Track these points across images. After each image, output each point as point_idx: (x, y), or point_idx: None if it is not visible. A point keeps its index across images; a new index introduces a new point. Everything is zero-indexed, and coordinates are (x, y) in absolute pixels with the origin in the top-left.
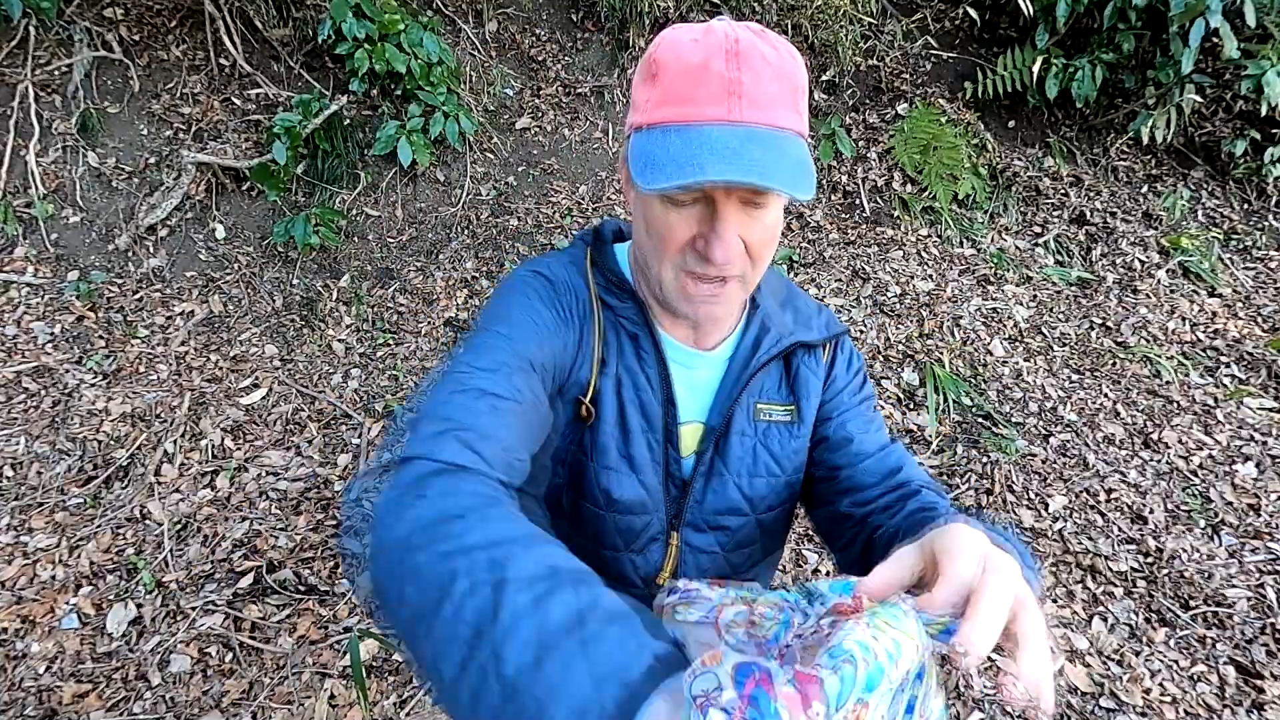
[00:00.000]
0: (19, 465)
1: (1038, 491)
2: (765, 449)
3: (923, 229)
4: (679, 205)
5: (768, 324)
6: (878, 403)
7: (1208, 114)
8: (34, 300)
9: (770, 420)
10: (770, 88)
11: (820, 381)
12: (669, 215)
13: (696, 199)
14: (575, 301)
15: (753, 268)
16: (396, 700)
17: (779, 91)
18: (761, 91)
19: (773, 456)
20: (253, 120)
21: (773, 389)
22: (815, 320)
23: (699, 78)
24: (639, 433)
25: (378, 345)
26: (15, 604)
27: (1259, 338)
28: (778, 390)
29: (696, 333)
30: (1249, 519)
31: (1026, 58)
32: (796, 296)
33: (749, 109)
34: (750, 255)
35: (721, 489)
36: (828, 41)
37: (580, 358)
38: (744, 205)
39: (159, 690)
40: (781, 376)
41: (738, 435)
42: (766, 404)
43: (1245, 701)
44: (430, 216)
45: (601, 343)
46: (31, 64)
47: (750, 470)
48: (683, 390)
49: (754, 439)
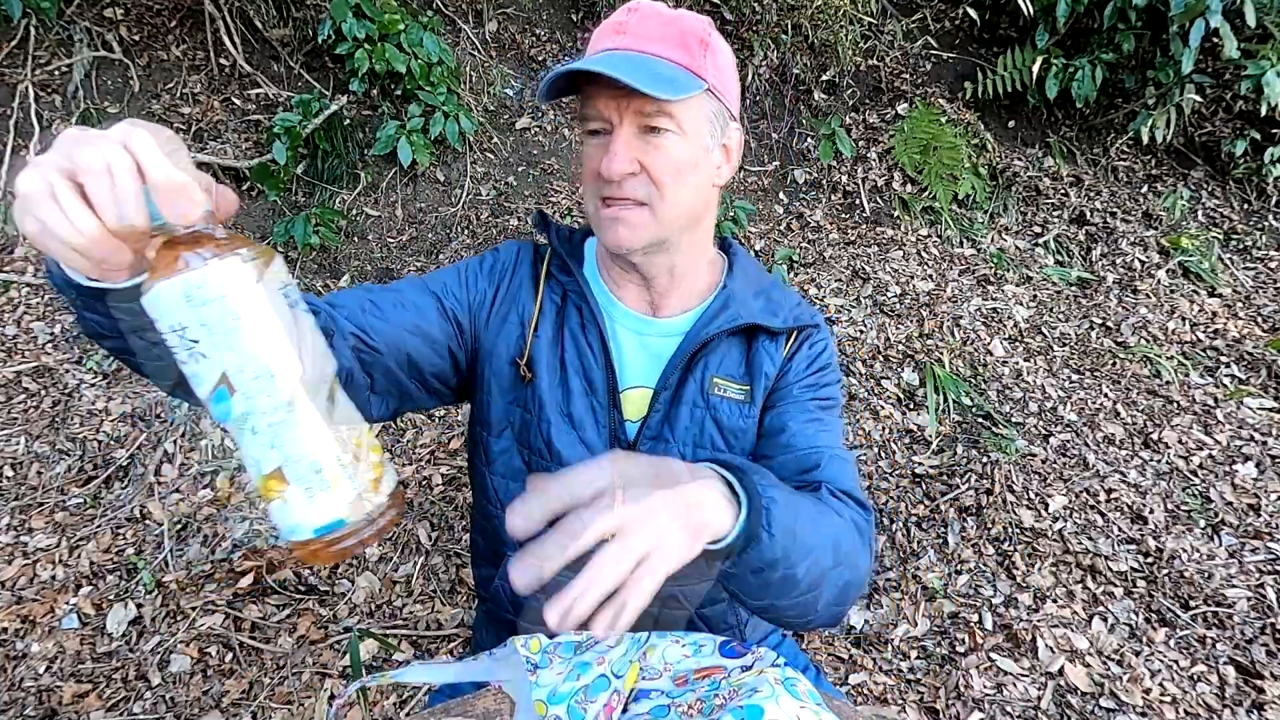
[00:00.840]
0: (19, 465)
1: (1038, 491)
2: (714, 421)
3: (923, 229)
4: (594, 136)
5: (730, 302)
6: (878, 403)
7: (1208, 114)
8: (34, 300)
9: (724, 395)
10: (653, 29)
11: (775, 369)
12: (587, 148)
13: (603, 130)
14: (512, 274)
15: (660, 196)
16: (396, 700)
17: (663, 32)
18: (644, 29)
19: (720, 430)
20: (253, 120)
21: (732, 366)
22: (785, 311)
23: (603, 27)
24: (580, 394)
25: None
26: (15, 604)
27: (1259, 338)
28: (737, 367)
29: (653, 299)
30: (1249, 519)
31: (1026, 58)
32: (776, 289)
33: (632, 40)
34: (653, 181)
35: (664, 454)
36: (828, 41)
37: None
38: (640, 132)
39: (159, 690)
40: (743, 356)
41: (688, 405)
42: (724, 379)
43: (1245, 701)
44: (430, 216)
45: (539, 311)
46: (31, 64)
47: (695, 440)
48: (632, 356)
49: (704, 410)
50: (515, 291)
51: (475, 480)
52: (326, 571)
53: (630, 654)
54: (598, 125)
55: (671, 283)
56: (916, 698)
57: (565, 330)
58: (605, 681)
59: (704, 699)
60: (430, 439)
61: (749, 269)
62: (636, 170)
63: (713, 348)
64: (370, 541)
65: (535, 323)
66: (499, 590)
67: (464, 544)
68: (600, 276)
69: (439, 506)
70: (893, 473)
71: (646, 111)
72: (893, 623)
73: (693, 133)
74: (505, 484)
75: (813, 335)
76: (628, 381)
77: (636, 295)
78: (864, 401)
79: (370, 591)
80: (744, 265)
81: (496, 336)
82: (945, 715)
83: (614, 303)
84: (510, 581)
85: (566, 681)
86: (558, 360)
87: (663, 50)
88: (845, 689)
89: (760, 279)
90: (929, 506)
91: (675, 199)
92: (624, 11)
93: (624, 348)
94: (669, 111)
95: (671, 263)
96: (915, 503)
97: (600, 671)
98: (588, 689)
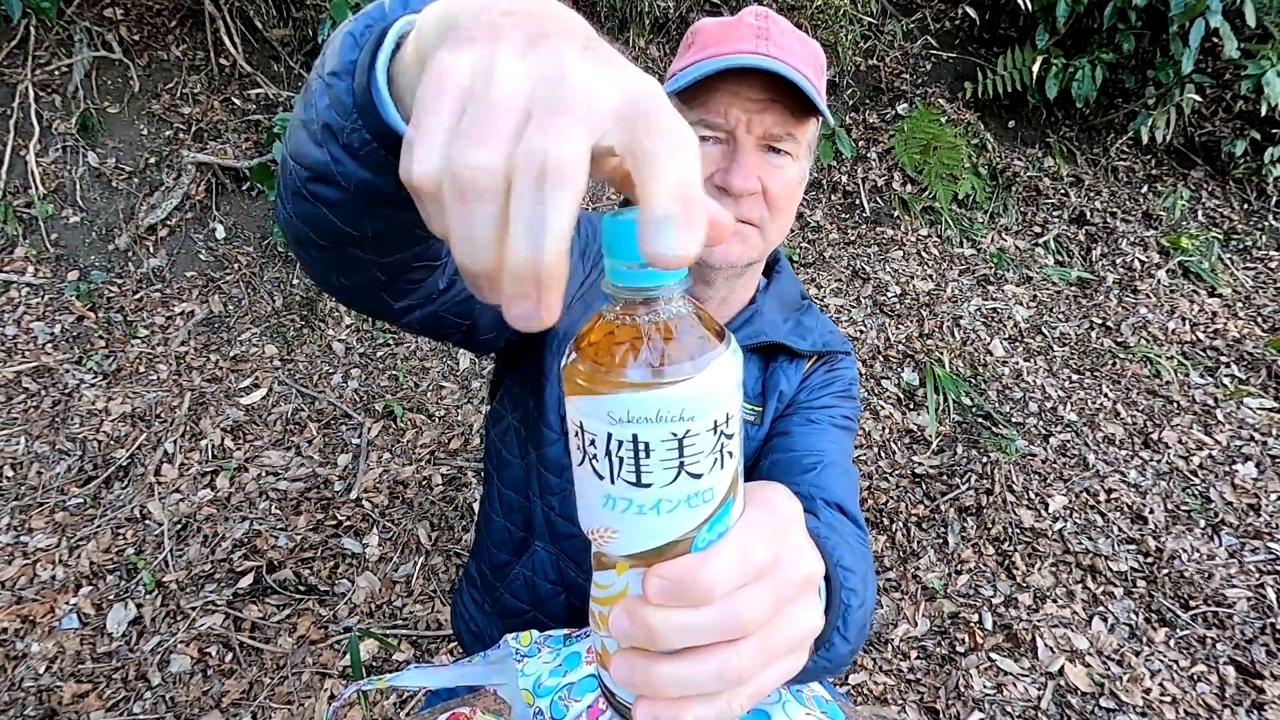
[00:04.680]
0: (19, 465)
1: (1038, 491)
2: None
3: (923, 229)
4: (702, 141)
5: (754, 319)
6: (880, 404)
7: (1208, 114)
8: (34, 300)
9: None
10: (795, 46)
11: (791, 391)
12: None
13: (719, 139)
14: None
15: (772, 220)
16: (396, 700)
17: (804, 53)
18: (787, 44)
19: None
20: (253, 120)
21: (747, 385)
22: (814, 335)
23: (731, 27)
24: None
25: (378, 345)
26: (15, 604)
27: (1259, 338)
28: (752, 387)
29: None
30: (1249, 519)
31: (1026, 58)
32: (810, 315)
33: (775, 49)
34: (769, 204)
35: None
36: (828, 41)
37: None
38: (765, 150)
39: (159, 690)
40: (760, 375)
41: None
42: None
43: (1245, 701)
44: None
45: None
46: (31, 64)
47: None
48: None
49: None
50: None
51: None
52: (326, 571)
53: None
54: (711, 132)
55: (721, 308)
56: (916, 698)
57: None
58: (593, 682)
59: None
60: (430, 439)
61: (786, 290)
62: (758, 189)
63: None
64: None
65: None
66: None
67: (464, 544)
68: None
69: (439, 506)
70: (893, 473)
71: (775, 131)
72: (893, 623)
73: (802, 158)
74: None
75: (838, 361)
76: None
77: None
78: (864, 401)
79: (370, 591)
80: (782, 285)
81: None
82: (945, 715)
83: None
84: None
85: (552, 676)
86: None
87: (803, 67)
88: (845, 689)
89: (795, 302)
90: (929, 506)
91: (782, 225)
92: (755, 16)
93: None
94: (795, 134)
95: (736, 286)
96: (915, 503)
97: (590, 670)
98: (573, 687)
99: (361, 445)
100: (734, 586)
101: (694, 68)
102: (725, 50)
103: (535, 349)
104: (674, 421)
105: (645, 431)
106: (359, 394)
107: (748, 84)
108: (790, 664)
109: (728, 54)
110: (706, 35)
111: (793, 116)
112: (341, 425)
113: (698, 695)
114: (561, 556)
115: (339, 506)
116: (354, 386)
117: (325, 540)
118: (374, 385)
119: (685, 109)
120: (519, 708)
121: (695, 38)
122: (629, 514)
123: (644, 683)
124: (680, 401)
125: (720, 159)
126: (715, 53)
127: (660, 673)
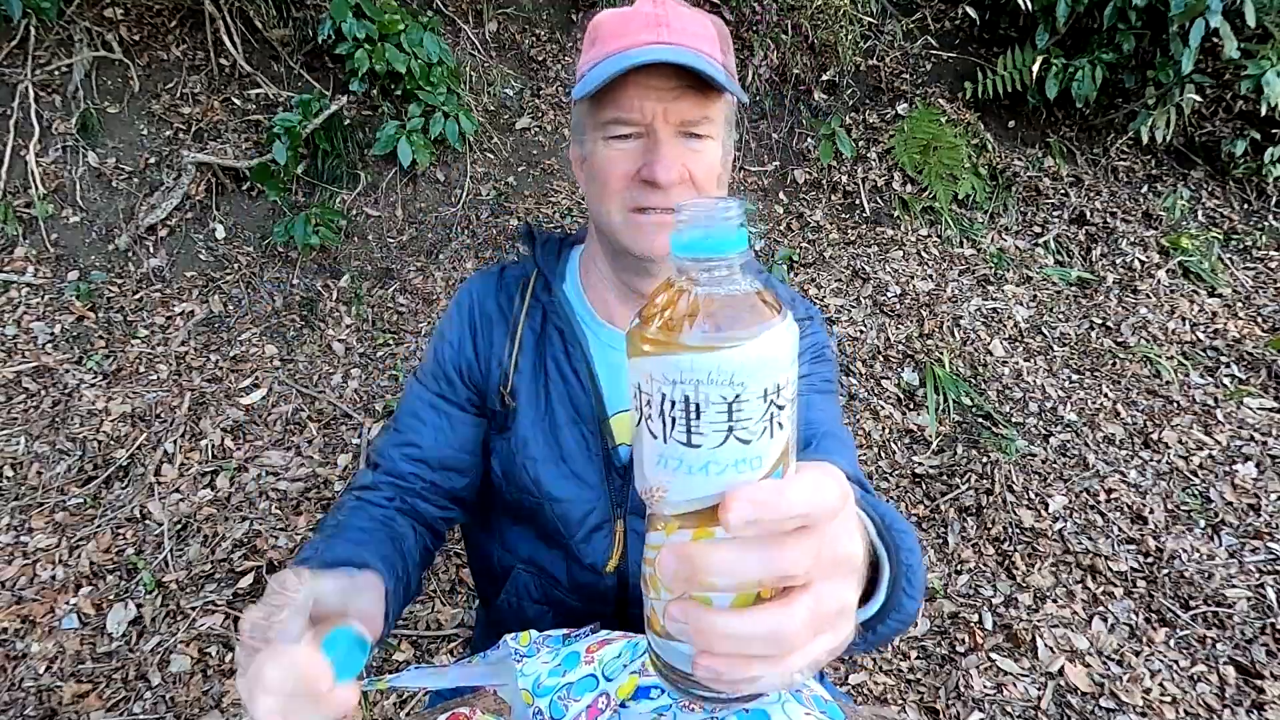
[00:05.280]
0: (19, 465)
1: (1038, 491)
2: None
3: (923, 229)
4: (621, 140)
5: None
6: (878, 403)
7: (1208, 114)
8: (34, 300)
9: None
10: (695, 27)
11: None
12: (610, 153)
13: (637, 134)
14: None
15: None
16: (396, 700)
17: (704, 33)
18: (686, 27)
19: None
20: (253, 120)
21: None
22: None
23: (628, 19)
24: (568, 424)
25: (378, 345)
26: (15, 604)
27: (1259, 338)
28: None
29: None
30: (1249, 519)
31: (1026, 58)
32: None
33: (676, 35)
34: (696, 188)
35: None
36: (828, 41)
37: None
38: (683, 136)
39: (159, 690)
40: None
41: None
42: None
43: (1245, 701)
44: (430, 216)
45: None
46: (31, 64)
47: None
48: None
49: None
50: (491, 332)
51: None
52: None
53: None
54: (628, 128)
55: None
56: (916, 698)
57: (548, 359)
58: (593, 681)
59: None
60: None
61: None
62: (685, 177)
63: None
64: None
65: (515, 357)
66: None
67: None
68: (585, 296)
69: None
70: (893, 473)
71: (691, 117)
72: None
73: (721, 137)
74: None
75: (805, 327)
76: (622, 404)
77: (630, 313)
78: (864, 401)
79: None
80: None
81: (487, 378)
82: (945, 715)
83: (601, 325)
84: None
85: (551, 676)
86: (542, 390)
87: (706, 47)
88: (845, 689)
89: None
90: (929, 506)
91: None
92: (653, 3)
93: (615, 369)
94: (711, 116)
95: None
96: (915, 503)
97: (589, 670)
98: (572, 686)
99: (361, 445)
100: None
101: (599, 68)
102: (627, 44)
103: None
104: (725, 385)
105: (697, 393)
106: (359, 394)
107: (655, 75)
108: (835, 638)
109: (629, 48)
110: (607, 29)
111: (705, 100)
112: (341, 425)
113: (756, 656)
114: (541, 574)
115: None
116: (354, 386)
117: None
118: (374, 385)
119: (598, 109)
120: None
121: (597, 33)
122: (679, 473)
123: (697, 628)
124: (732, 366)
125: (643, 153)
126: (618, 47)
127: (714, 620)
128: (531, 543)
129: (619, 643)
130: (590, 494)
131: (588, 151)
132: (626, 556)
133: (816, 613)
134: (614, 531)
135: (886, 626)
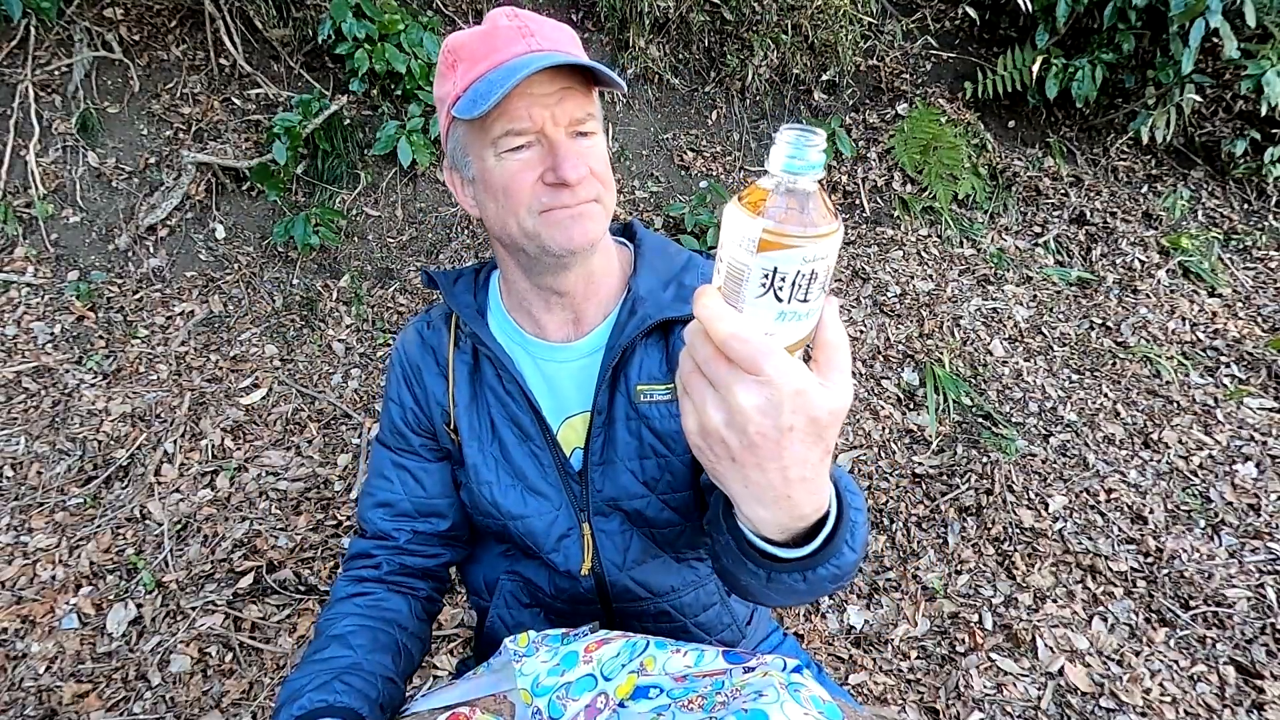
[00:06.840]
0: (19, 465)
1: (1038, 491)
2: (649, 430)
3: (923, 229)
4: (515, 152)
5: (637, 305)
6: (878, 403)
7: (1208, 114)
8: (34, 300)
9: (652, 401)
10: (556, 33)
11: None
12: (509, 165)
13: (529, 143)
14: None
15: (605, 192)
16: None
17: (565, 35)
18: (549, 34)
19: (658, 436)
20: (253, 120)
21: (654, 367)
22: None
23: (491, 36)
24: (516, 445)
25: (378, 345)
26: (15, 604)
27: (1259, 338)
28: (659, 367)
29: (575, 315)
30: (1249, 519)
31: (1026, 58)
32: (691, 271)
33: (546, 42)
34: (599, 180)
35: (614, 475)
36: (828, 41)
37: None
38: (575, 137)
39: (159, 690)
40: (662, 354)
41: (621, 422)
42: (648, 384)
43: (1245, 701)
44: (430, 216)
45: (451, 383)
46: (31, 64)
47: (638, 453)
48: (565, 384)
49: (638, 422)
50: (423, 378)
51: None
52: (326, 572)
53: (624, 658)
54: (521, 138)
55: (589, 288)
56: (916, 698)
57: (484, 387)
58: (591, 681)
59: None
60: None
61: (657, 257)
62: (589, 171)
63: (630, 356)
64: None
65: (451, 393)
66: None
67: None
68: (511, 317)
69: None
70: (893, 473)
71: (578, 116)
72: (893, 623)
73: (601, 129)
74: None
75: None
76: (568, 410)
77: (560, 319)
78: (864, 401)
79: None
80: (651, 255)
81: (433, 421)
82: (945, 715)
83: (530, 340)
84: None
85: (550, 675)
86: (485, 418)
87: (574, 48)
88: (846, 689)
89: (670, 265)
90: (929, 506)
91: (613, 194)
92: (508, 17)
93: (554, 380)
94: (593, 113)
95: (592, 264)
96: (915, 503)
97: (588, 670)
98: (570, 686)
99: (361, 445)
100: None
101: (483, 85)
102: (500, 59)
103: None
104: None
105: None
106: (359, 394)
107: (535, 83)
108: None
109: (503, 62)
110: (470, 50)
111: (587, 98)
112: (341, 425)
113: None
114: (526, 583)
115: (339, 506)
116: (354, 386)
117: (325, 540)
118: (374, 385)
119: (487, 126)
120: (519, 708)
121: (458, 55)
122: (788, 321)
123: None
124: (833, 246)
125: (542, 159)
126: (491, 65)
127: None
128: (511, 557)
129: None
130: (550, 505)
131: (477, 172)
132: (599, 556)
133: (807, 393)
134: (582, 535)
135: (826, 569)
